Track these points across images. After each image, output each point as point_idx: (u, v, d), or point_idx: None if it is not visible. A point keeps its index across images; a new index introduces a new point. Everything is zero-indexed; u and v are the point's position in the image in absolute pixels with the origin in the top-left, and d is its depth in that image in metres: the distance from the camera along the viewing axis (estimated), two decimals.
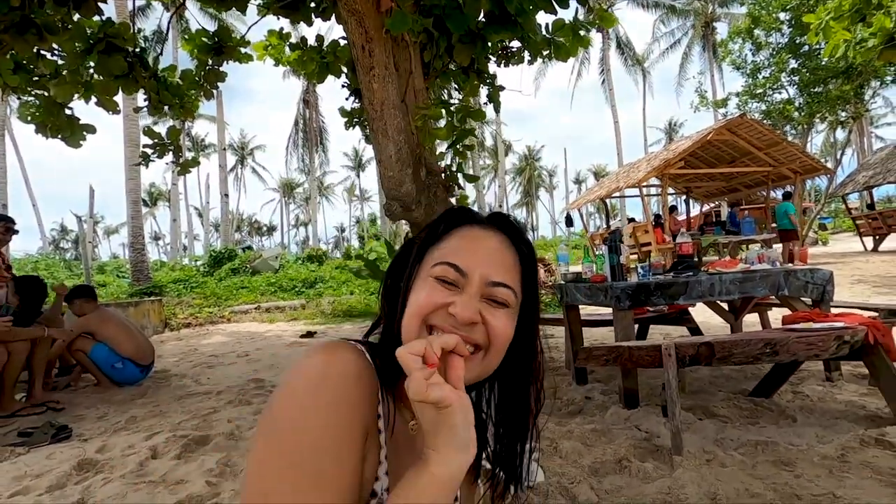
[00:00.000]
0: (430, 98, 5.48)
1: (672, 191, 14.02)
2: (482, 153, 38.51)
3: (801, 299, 2.81)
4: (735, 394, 2.60)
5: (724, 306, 3.60)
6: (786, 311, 2.74)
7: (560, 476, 1.72)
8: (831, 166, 13.95)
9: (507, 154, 47.98)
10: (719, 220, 12.58)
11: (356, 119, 6.28)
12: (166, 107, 4.82)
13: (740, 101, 14.05)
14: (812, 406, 2.39)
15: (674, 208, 12.64)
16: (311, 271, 14.06)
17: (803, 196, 15.06)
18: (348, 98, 6.37)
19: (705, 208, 15.43)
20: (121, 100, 5.02)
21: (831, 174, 12.63)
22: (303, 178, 50.87)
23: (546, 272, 8.93)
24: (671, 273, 2.75)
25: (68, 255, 44.40)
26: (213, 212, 54.03)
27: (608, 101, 29.36)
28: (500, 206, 35.25)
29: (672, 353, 1.94)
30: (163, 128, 5.39)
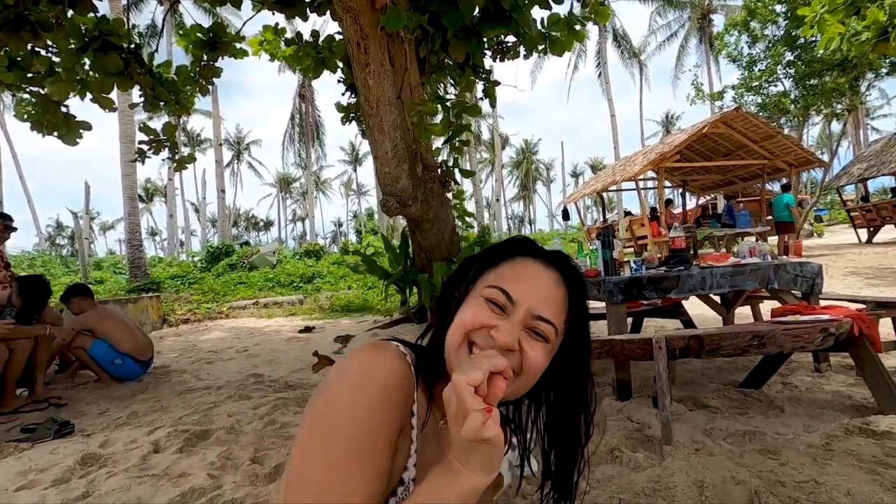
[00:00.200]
0: (425, 94, 5.50)
1: (669, 184, 14.06)
2: (479, 147, 38.45)
3: (791, 292, 2.87)
4: (726, 385, 2.66)
5: (717, 299, 3.66)
6: (777, 304, 2.80)
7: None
8: (827, 158, 14.04)
9: (504, 147, 47.92)
10: (716, 212, 12.67)
11: (353, 114, 6.30)
12: (162, 103, 4.82)
13: (736, 94, 14.06)
14: (800, 396, 2.45)
15: (670, 201, 12.69)
16: (309, 266, 14.09)
17: (799, 188, 15.15)
18: (344, 93, 6.38)
19: (701, 201, 15.51)
20: (116, 96, 5.02)
21: (826, 167, 12.69)
22: (299, 173, 50.82)
23: None
24: (663, 267, 2.79)
25: (64, 252, 44.29)
26: (210, 207, 53.94)
27: (605, 94, 29.34)
28: (497, 199, 35.26)
29: (663, 346, 1.98)
30: (158, 123, 5.40)
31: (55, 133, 4.12)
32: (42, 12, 3.56)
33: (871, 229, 12.19)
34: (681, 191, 14.39)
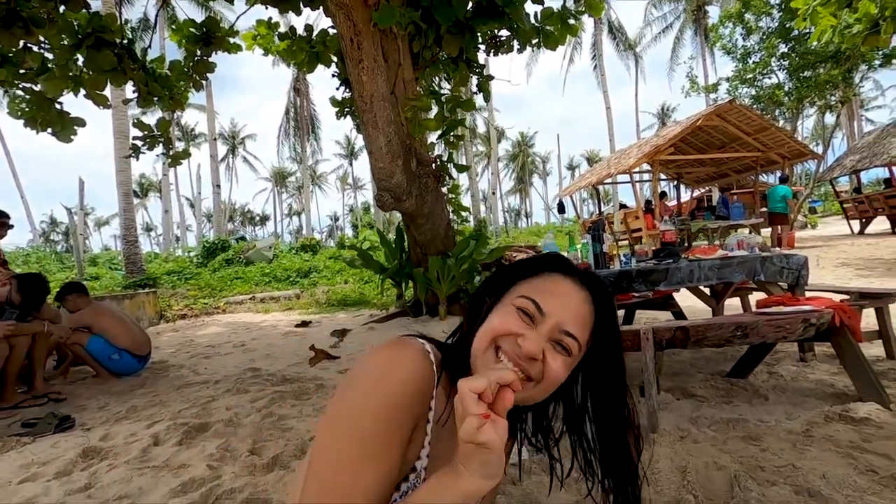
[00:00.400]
0: (419, 89, 5.51)
1: (664, 176, 14.12)
2: (475, 140, 38.36)
3: (777, 284, 2.93)
4: (713, 375, 2.72)
5: (707, 291, 3.72)
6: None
7: (542, 454, 1.82)
8: (822, 149, 14.09)
9: (500, 141, 47.82)
10: (711, 204, 12.73)
11: (347, 108, 6.30)
12: (156, 99, 4.82)
13: (730, 86, 14.10)
14: (785, 385, 2.51)
15: (664, 194, 12.75)
16: (305, 261, 14.09)
17: (793, 180, 15.22)
18: (339, 87, 6.38)
19: (696, 193, 15.58)
20: (109, 91, 5.01)
21: (819, 159, 12.76)
22: (295, 167, 50.55)
23: None
24: (653, 260, 2.84)
25: (59, 248, 44.06)
26: (205, 202, 53.56)
27: (600, 86, 29.29)
28: (493, 192, 35.26)
29: (650, 337, 2.04)
30: (152, 119, 5.39)
31: (49, 130, 4.12)
32: (34, 8, 3.56)
33: (864, 220, 12.29)
34: (675, 183, 14.46)
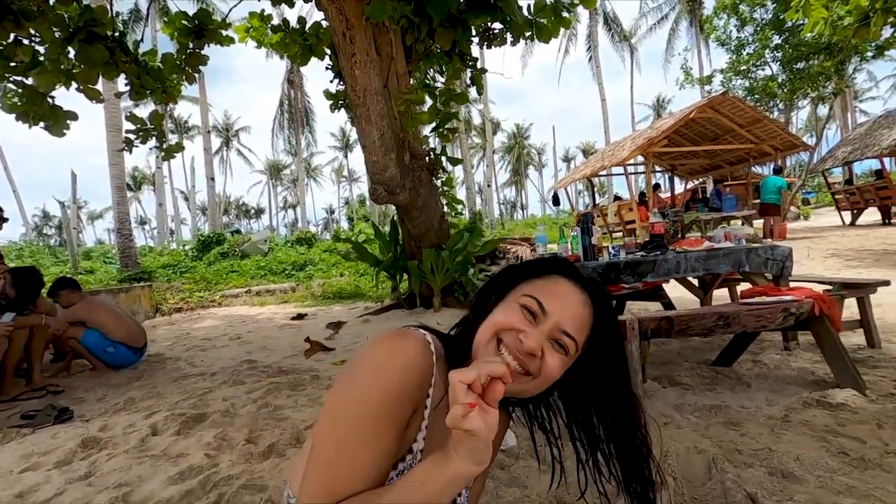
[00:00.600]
0: (413, 82, 5.52)
1: (658, 168, 14.18)
2: (470, 132, 38.27)
3: (763, 275, 2.99)
4: (699, 364, 2.79)
5: (696, 283, 3.79)
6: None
7: (529, 440, 1.88)
8: (815, 141, 14.18)
9: (495, 133, 47.72)
10: (705, 196, 12.80)
11: (342, 101, 6.29)
12: (148, 92, 4.80)
13: (724, 78, 14.13)
14: (767, 373, 2.58)
15: (657, 186, 12.81)
16: (301, 254, 14.11)
17: (787, 172, 15.33)
18: (333, 80, 6.36)
19: (691, 185, 15.66)
20: (101, 85, 4.99)
21: (811, 150, 12.84)
22: (290, 160, 50.34)
23: (532, 251, 9.12)
24: (641, 252, 2.90)
25: (52, 242, 43.75)
26: (200, 195, 53.43)
27: (595, 77, 29.24)
28: (489, 184, 35.26)
29: (635, 327, 2.10)
30: (145, 112, 5.37)
31: (41, 124, 4.11)
32: (24, 1, 3.54)
33: (855, 212, 12.41)
34: (669, 175, 14.52)
